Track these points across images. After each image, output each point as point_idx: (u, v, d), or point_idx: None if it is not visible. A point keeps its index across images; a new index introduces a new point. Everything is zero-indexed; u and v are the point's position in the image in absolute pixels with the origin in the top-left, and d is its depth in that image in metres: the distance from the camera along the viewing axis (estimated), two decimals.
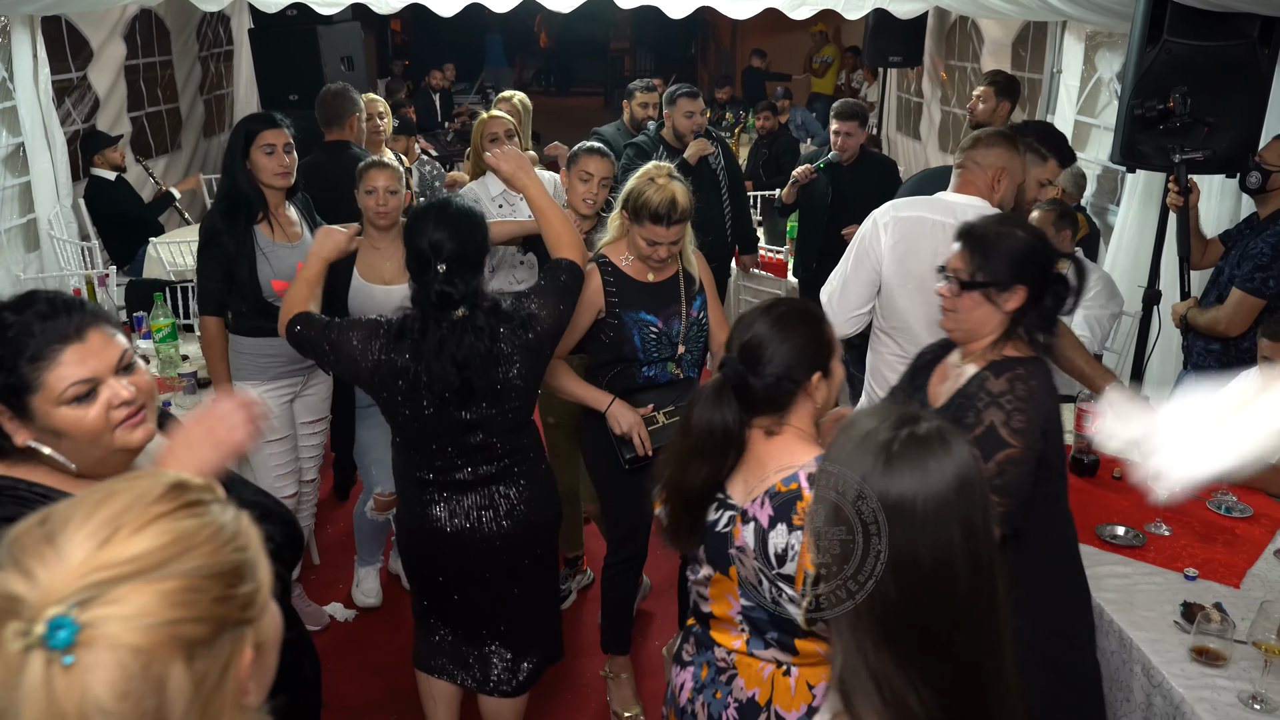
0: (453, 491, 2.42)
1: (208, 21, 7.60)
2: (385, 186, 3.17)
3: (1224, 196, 4.17)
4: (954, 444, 1.14)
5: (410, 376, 2.27)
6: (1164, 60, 3.46)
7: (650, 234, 2.73)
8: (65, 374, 1.38)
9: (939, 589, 1.10)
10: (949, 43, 7.56)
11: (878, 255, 2.75)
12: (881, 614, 1.10)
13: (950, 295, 2.07)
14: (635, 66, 18.20)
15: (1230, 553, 2.57)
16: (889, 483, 1.12)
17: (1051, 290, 2.05)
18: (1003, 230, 2.06)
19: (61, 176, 5.46)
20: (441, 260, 2.24)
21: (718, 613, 1.81)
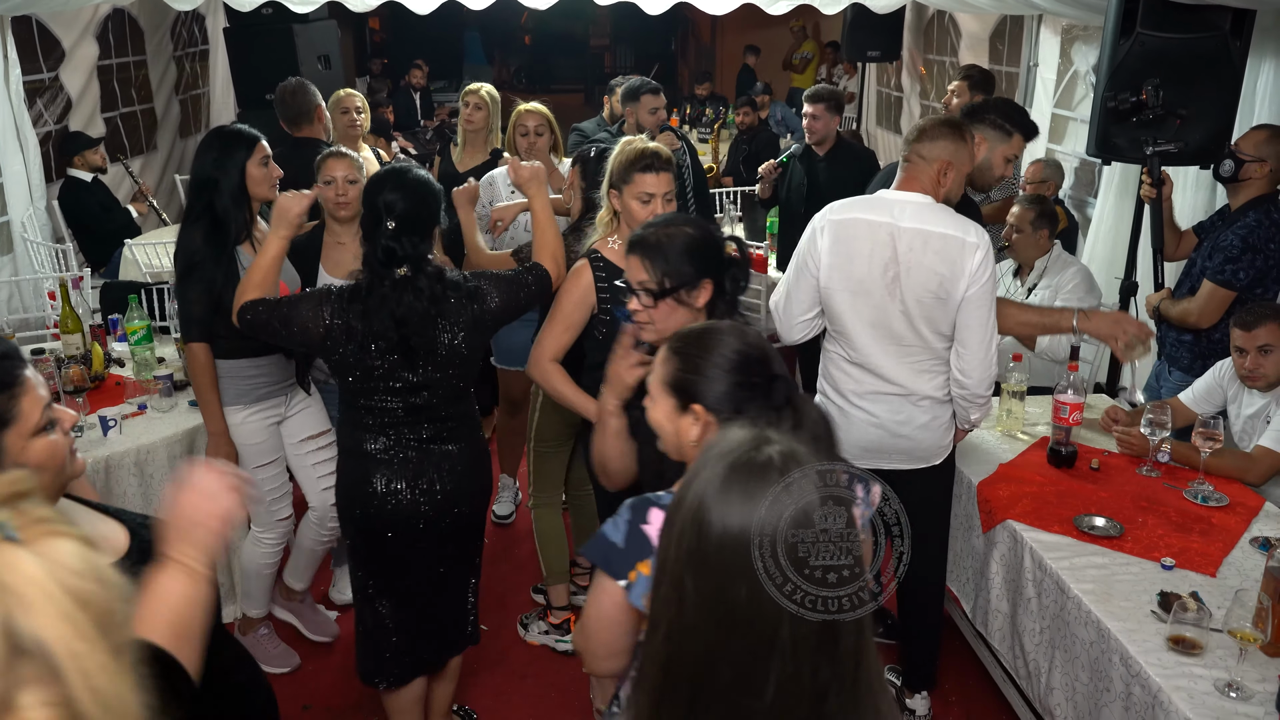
0: (396, 451, 2.51)
1: (182, 21, 7.54)
2: (344, 176, 3.14)
3: (1199, 188, 4.20)
4: (797, 477, 1.11)
5: (359, 337, 2.40)
6: (1137, 53, 3.48)
7: (641, 187, 2.69)
8: (35, 398, 1.33)
9: (752, 633, 1.07)
10: (927, 37, 7.59)
11: (815, 260, 2.71)
12: (675, 654, 1.08)
13: (645, 309, 2.07)
14: (615, 63, 18.19)
15: (1206, 542, 2.58)
16: (723, 510, 1.09)
17: (729, 274, 2.11)
18: (671, 232, 2.09)
19: (35, 178, 5.39)
20: (391, 218, 2.39)
21: None
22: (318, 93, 4.25)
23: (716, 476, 1.11)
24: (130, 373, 3.54)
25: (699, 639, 1.09)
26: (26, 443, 1.31)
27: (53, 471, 1.35)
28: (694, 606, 1.09)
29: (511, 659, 3.40)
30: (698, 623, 1.09)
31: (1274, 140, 3.31)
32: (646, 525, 1.56)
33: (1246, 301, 3.24)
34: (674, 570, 1.11)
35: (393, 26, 15.65)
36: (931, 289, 2.60)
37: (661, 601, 1.13)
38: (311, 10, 5.88)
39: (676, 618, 1.10)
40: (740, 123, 7.76)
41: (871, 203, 2.72)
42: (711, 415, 1.59)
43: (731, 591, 1.08)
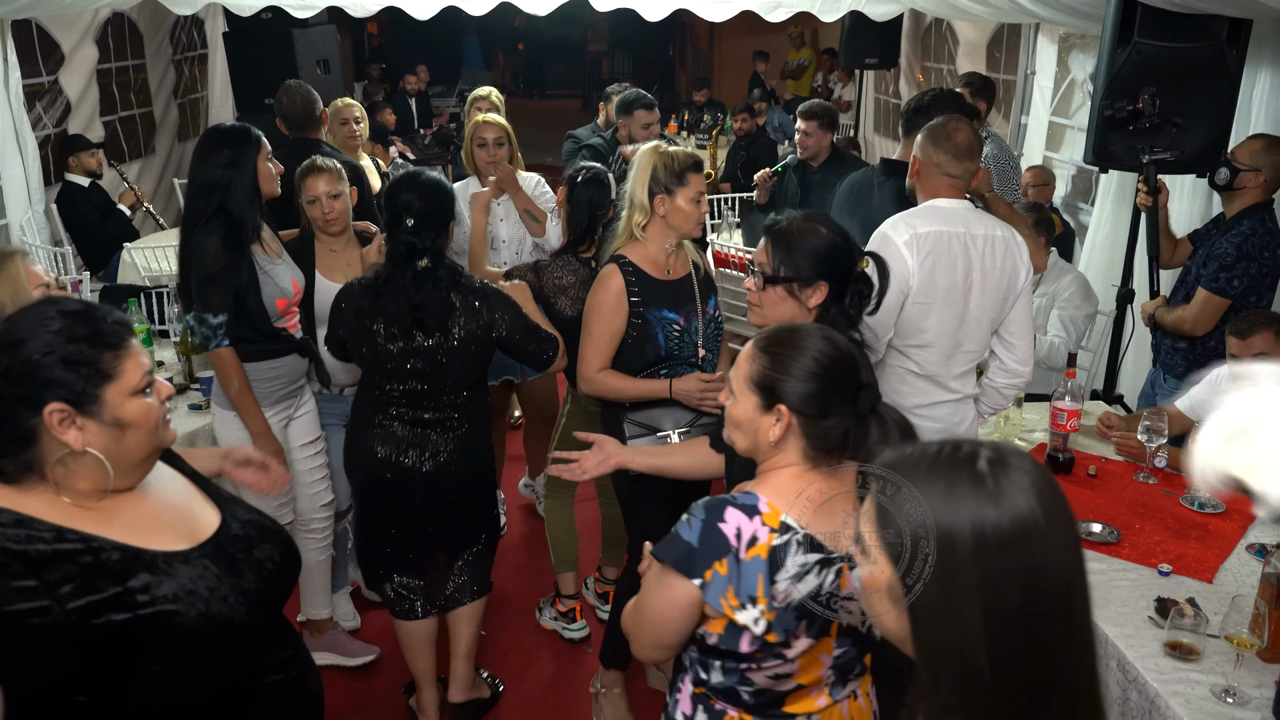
0: (392, 426, 2.78)
1: (181, 25, 7.55)
2: (326, 192, 3.13)
3: (1195, 196, 4.22)
4: (1019, 463, 1.04)
5: (374, 322, 2.68)
6: (1134, 61, 3.50)
7: (696, 187, 2.75)
8: (138, 363, 1.42)
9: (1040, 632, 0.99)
10: (925, 44, 7.62)
11: (906, 274, 2.63)
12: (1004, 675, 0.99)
13: (755, 290, 2.13)
14: (613, 68, 18.24)
15: (1203, 548, 2.60)
16: (995, 510, 1.00)
17: (853, 288, 2.11)
18: (806, 227, 2.12)
19: (33, 182, 5.39)
20: (410, 216, 2.64)
21: (805, 681, 1.65)
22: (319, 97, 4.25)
23: (938, 493, 1.02)
24: None
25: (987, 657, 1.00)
26: (125, 399, 1.40)
27: (146, 430, 1.43)
28: (974, 626, 0.99)
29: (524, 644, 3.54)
30: (982, 643, 0.99)
31: (1269, 149, 3.33)
32: (723, 524, 1.55)
33: (1241, 309, 3.26)
34: (938, 607, 1.01)
35: (391, 31, 15.69)
36: (1002, 290, 2.70)
37: (941, 648, 1.02)
38: (311, 15, 5.88)
39: (961, 654, 1.00)
40: (738, 129, 7.78)
41: (940, 214, 2.69)
42: (795, 416, 1.58)
43: (1007, 592, 1.00)
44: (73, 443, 1.36)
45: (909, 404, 2.74)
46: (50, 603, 1.27)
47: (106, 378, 1.38)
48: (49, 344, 1.35)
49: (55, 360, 1.35)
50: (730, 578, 1.52)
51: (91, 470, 1.39)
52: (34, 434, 1.35)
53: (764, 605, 1.52)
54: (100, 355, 1.38)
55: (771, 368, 1.61)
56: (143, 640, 1.35)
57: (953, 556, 0.99)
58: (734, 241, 5.75)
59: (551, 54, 18.81)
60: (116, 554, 1.36)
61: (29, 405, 1.34)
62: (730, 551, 1.53)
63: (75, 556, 1.32)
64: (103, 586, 1.32)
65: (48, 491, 1.38)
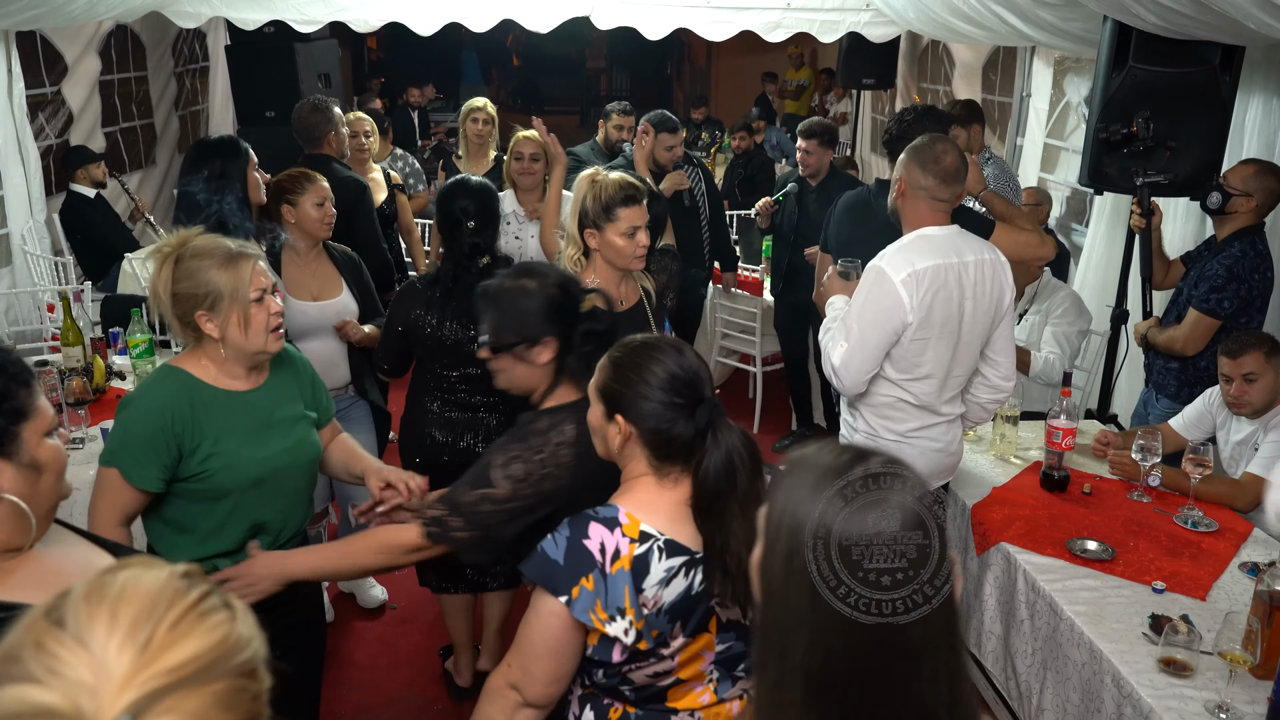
0: (450, 410, 3.00)
1: (184, 38, 7.59)
2: (330, 198, 3.22)
3: (1188, 219, 4.27)
4: (909, 479, 1.08)
5: (439, 312, 2.90)
6: (1129, 85, 3.55)
7: (629, 220, 2.66)
8: (46, 403, 1.35)
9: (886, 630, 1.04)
10: (921, 65, 7.69)
11: (901, 313, 2.62)
12: (819, 668, 1.03)
13: (490, 359, 2.07)
14: (611, 85, 18.33)
15: (1196, 566, 2.62)
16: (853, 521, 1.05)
17: (581, 331, 2.04)
18: (514, 287, 2.06)
19: (35, 191, 5.41)
20: (470, 219, 2.90)
21: (686, 676, 1.70)
22: (336, 112, 4.29)
23: (821, 501, 1.06)
24: (131, 386, 3.56)
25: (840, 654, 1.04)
26: (41, 440, 1.31)
27: (57, 475, 1.34)
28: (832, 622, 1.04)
29: None
30: (832, 639, 1.04)
31: (1261, 175, 3.38)
32: (587, 540, 1.59)
33: (1231, 330, 3.30)
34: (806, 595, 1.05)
35: (390, 46, 15.75)
36: (990, 314, 2.72)
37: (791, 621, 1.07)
38: (314, 30, 5.93)
39: (812, 636, 1.04)
40: (736, 147, 7.83)
41: (933, 245, 2.67)
42: (632, 428, 1.64)
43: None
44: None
45: (903, 429, 2.77)
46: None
47: (22, 415, 1.28)
48: None
49: None
50: (597, 592, 1.57)
51: (6, 525, 1.28)
52: None
53: (632, 616, 1.57)
54: (17, 391, 1.28)
55: (613, 379, 1.68)
56: None
57: (797, 540, 1.05)
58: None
59: (549, 70, 18.91)
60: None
61: None
62: (595, 566, 1.58)
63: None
64: None
65: None
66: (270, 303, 2.06)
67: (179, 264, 2.01)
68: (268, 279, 2.08)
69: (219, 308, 2.00)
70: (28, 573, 1.32)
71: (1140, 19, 3.29)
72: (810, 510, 1.05)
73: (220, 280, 2.00)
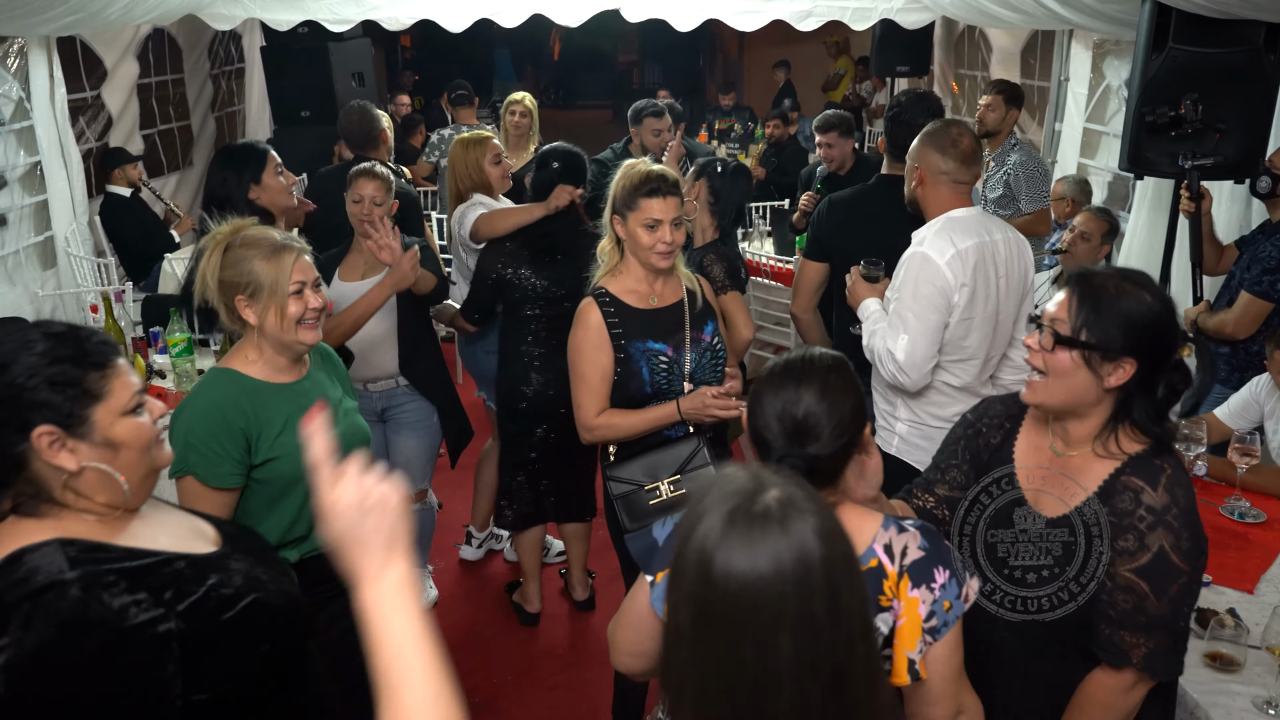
0: (537, 351, 3.48)
1: (219, 40, 7.68)
2: (370, 196, 3.25)
3: (1233, 202, 4.17)
4: (796, 523, 1.03)
5: (528, 261, 3.44)
6: (1169, 67, 3.47)
7: (648, 212, 2.56)
8: (126, 382, 1.42)
9: (765, 696, 0.99)
10: (958, 52, 7.59)
11: (949, 294, 2.61)
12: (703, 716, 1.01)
13: (1041, 351, 1.73)
14: (643, 79, 18.30)
15: (1243, 558, 2.57)
16: (725, 561, 1.02)
17: (1166, 378, 1.68)
18: (1124, 287, 1.68)
19: (78, 194, 5.51)
20: (561, 178, 3.47)
21: None
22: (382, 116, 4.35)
23: (716, 528, 1.04)
24: (171, 384, 3.61)
25: (722, 703, 1.02)
26: (115, 419, 1.39)
27: (138, 450, 1.42)
28: (712, 669, 1.02)
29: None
30: (717, 687, 1.02)
31: None
32: None
33: None
34: (689, 630, 1.04)
35: (423, 44, 15.84)
36: (1020, 291, 2.73)
37: (679, 662, 1.06)
38: (347, 29, 5.98)
39: (699, 681, 1.03)
40: (770, 135, 7.78)
41: (966, 226, 2.67)
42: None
43: (741, 652, 1.01)
44: (66, 465, 1.35)
45: (947, 414, 2.73)
46: (164, 610, 1.30)
47: (94, 398, 1.37)
48: (32, 366, 1.34)
49: (40, 383, 1.34)
50: None
51: (101, 487, 1.39)
52: (23, 460, 1.34)
53: None
54: (85, 375, 1.37)
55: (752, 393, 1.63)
56: (249, 625, 1.40)
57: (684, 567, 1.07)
58: (765, 250, 5.76)
59: (581, 65, 18.91)
60: (182, 562, 1.40)
61: (16, 430, 1.33)
62: None
63: (158, 568, 1.36)
64: (193, 590, 1.36)
65: (71, 516, 1.37)
66: (309, 296, 2.13)
67: (228, 251, 2.11)
68: (310, 273, 2.16)
69: (259, 296, 2.09)
70: (159, 526, 1.47)
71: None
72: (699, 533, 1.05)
73: (262, 270, 2.09)
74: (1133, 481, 1.67)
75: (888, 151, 3.37)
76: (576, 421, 2.68)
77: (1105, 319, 1.65)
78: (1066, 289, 1.73)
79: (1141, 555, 1.62)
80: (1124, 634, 1.65)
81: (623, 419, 2.63)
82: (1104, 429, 1.71)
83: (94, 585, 1.27)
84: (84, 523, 1.38)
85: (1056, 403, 1.73)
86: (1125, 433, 1.71)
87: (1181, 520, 1.64)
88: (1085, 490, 1.70)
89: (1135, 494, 1.66)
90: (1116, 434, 1.71)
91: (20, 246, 5.22)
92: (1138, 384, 1.66)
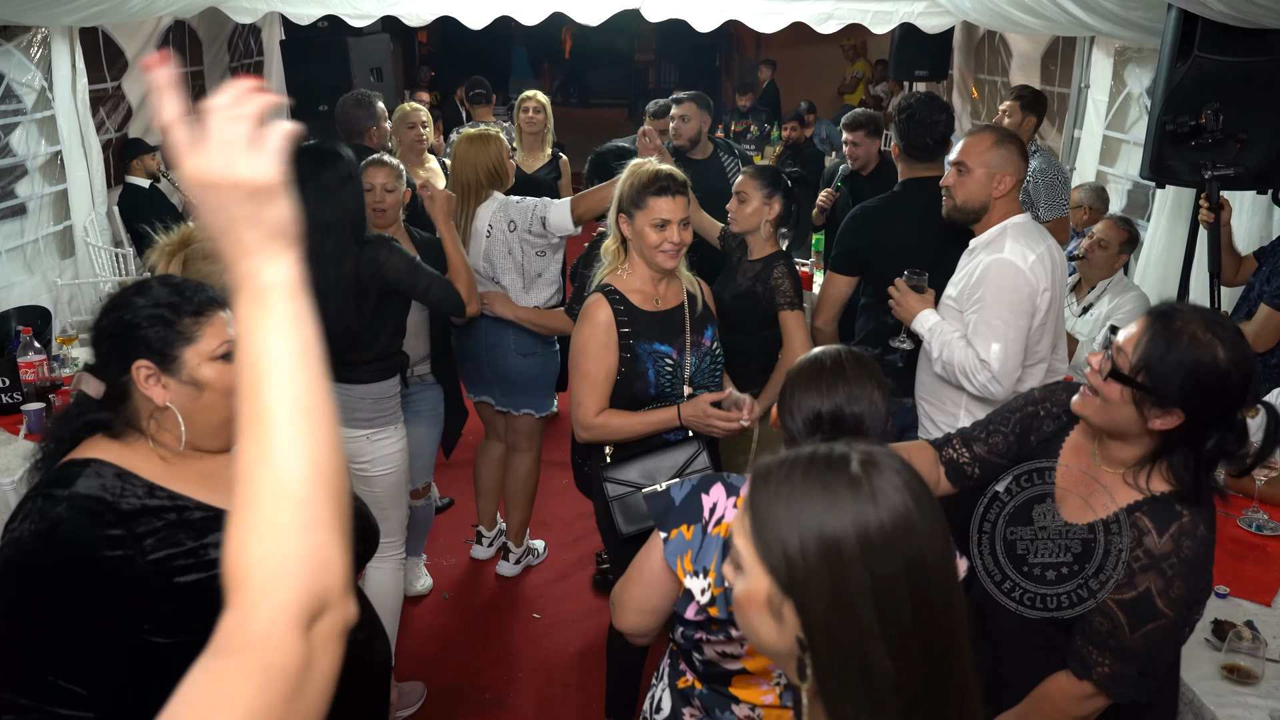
0: None
1: (239, 33, 7.71)
2: (382, 184, 3.22)
3: (1254, 213, 4.15)
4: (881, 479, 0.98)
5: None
6: (1194, 76, 3.44)
7: (656, 212, 2.55)
8: (219, 330, 1.54)
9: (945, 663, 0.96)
10: (978, 57, 7.56)
11: (1035, 299, 2.64)
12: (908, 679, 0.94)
13: (1097, 372, 1.70)
14: (660, 78, 18.28)
15: (1261, 570, 2.55)
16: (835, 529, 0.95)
17: (1220, 437, 1.63)
18: (1200, 337, 1.60)
19: (97, 184, 5.54)
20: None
21: (753, 669, 1.68)
22: (378, 111, 4.33)
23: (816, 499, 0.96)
24: None
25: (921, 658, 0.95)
26: (203, 362, 1.52)
27: (221, 393, 1.52)
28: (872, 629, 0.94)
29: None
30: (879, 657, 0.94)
31: None
32: (705, 495, 1.64)
33: None
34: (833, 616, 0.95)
35: (441, 40, 15.86)
36: (1061, 294, 2.79)
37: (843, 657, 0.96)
38: (366, 24, 5.99)
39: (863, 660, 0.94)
40: (786, 137, 7.77)
41: (1030, 233, 2.74)
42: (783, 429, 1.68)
43: (898, 592, 0.94)
44: (156, 398, 1.50)
45: None
46: (133, 553, 1.41)
47: (186, 340, 1.51)
48: (140, 307, 1.51)
49: (142, 320, 1.50)
50: (692, 543, 1.61)
51: (175, 425, 1.52)
52: (126, 390, 1.51)
53: (713, 579, 1.59)
54: (181, 319, 1.51)
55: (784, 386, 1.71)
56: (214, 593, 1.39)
57: (840, 562, 0.94)
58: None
59: (598, 64, 18.91)
60: (199, 513, 1.49)
61: (121, 360, 1.50)
62: (700, 522, 1.62)
63: (161, 512, 1.46)
64: (182, 541, 1.46)
65: (145, 446, 1.52)
66: None
67: (187, 264, 2.11)
68: None
69: None
70: (225, 475, 1.53)
71: (1208, 7, 3.19)
72: (839, 521, 0.95)
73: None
74: (1142, 521, 1.67)
75: (906, 154, 3.34)
76: (573, 419, 2.65)
77: (1167, 366, 1.60)
78: (1143, 320, 1.68)
79: (1127, 590, 1.63)
80: (1092, 650, 1.67)
81: (622, 421, 2.61)
82: (1141, 461, 1.70)
83: (82, 511, 1.40)
84: (149, 453, 1.52)
85: (1099, 423, 1.73)
86: (1159, 472, 1.69)
87: (1178, 569, 1.62)
88: (1114, 505, 1.70)
89: (1140, 534, 1.66)
90: (1150, 470, 1.70)
91: (39, 235, 5.25)
92: (1183, 434, 1.63)
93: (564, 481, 4.63)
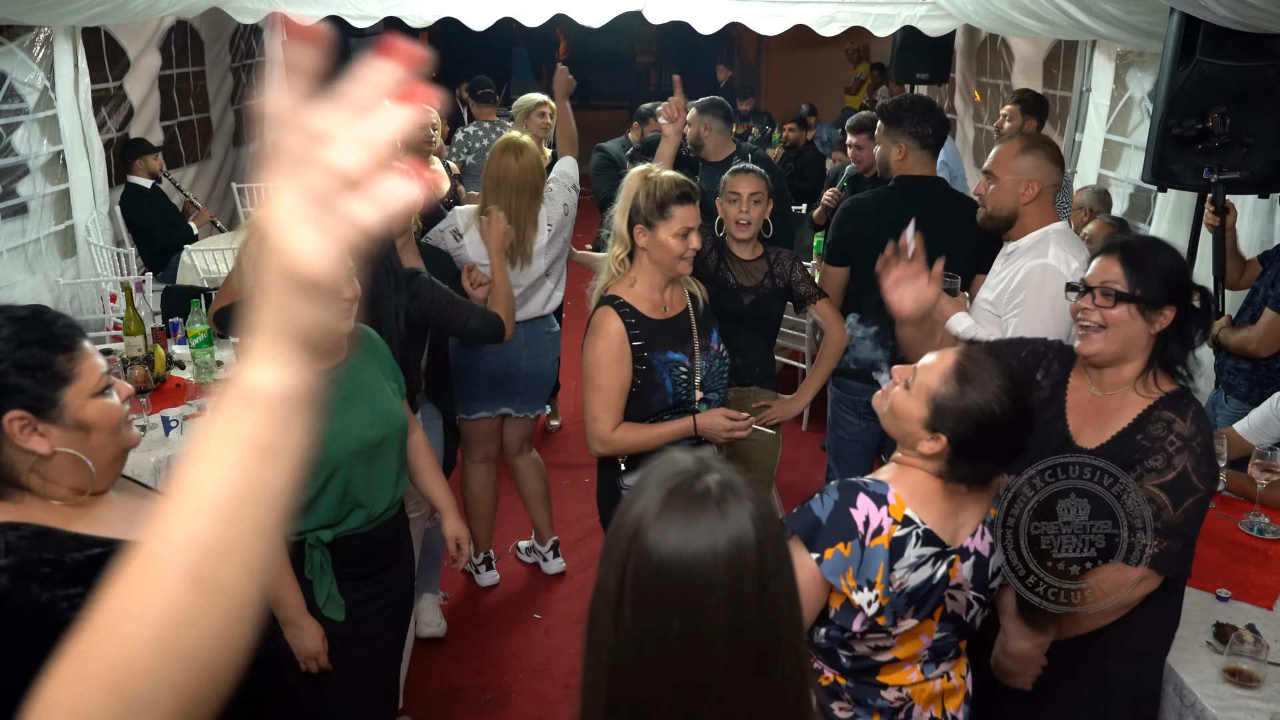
0: None
1: (241, 33, 7.71)
2: None
3: (1255, 216, 4.15)
4: (734, 506, 1.04)
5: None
6: (1197, 80, 3.44)
7: (681, 220, 2.55)
8: (93, 364, 1.40)
9: (688, 670, 1.01)
10: (980, 60, 7.57)
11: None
12: (617, 685, 1.03)
13: (1099, 309, 1.98)
14: (660, 80, 18.29)
15: (1263, 574, 2.55)
16: (660, 536, 1.03)
17: (1195, 317, 2.00)
18: (1156, 245, 2.04)
19: (99, 184, 5.54)
20: None
21: (902, 655, 1.77)
22: None
23: (655, 503, 1.05)
24: (191, 375, 3.63)
25: (640, 672, 1.03)
26: (86, 401, 1.37)
27: (109, 431, 1.40)
28: (633, 636, 1.03)
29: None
30: (637, 654, 1.03)
31: None
32: (854, 509, 1.66)
33: None
34: (614, 596, 1.05)
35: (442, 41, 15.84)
36: None
37: (600, 628, 1.07)
38: (369, 25, 6.00)
39: (616, 647, 1.04)
40: (787, 139, 7.78)
41: (1068, 240, 2.76)
42: (949, 448, 1.68)
43: (667, 624, 1.02)
44: (38, 449, 1.33)
45: None
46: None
47: (64, 381, 1.35)
48: (3, 350, 1.32)
49: (9, 367, 1.32)
50: (852, 559, 1.64)
51: (70, 471, 1.37)
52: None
53: (880, 590, 1.64)
54: (54, 358, 1.35)
55: (952, 400, 1.68)
56: None
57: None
58: None
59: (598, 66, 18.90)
60: None
61: None
62: (856, 536, 1.65)
63: (103, 560, 1.30)
64: None
65: (35, 501, 1.36)
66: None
67: None
68: None
69: None
70: (123, 513, 1.43)
71: (1210, 11, 3.20)
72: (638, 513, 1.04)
73: None
74: (1165, 414, 1.94)
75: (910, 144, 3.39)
76: (589, 434, 2.63)
77: (1151, 276, 1.96)
78: (1107, 255, 2.02)
79: (1167, 473, 1.88)
80: (1139, 534, 1.83)
81: (639, 434, 2.61)
82: (1144, 372, 2.00)
83: (25, 576, 1.24)
84: (45, 507, 1.36)
85: (1112, 351, 1.99)
86: (1161, 376, 2.00)
87: (1203, 448, 1.91)
88: (1122, 422, 1.98)
89: (1168, 424, 1.93)
90: (1155, 375, 1.99)
91: (41, 234, 5.25)
92: (1174, 329, 1.97)
93: (564, 483, 4.64)
